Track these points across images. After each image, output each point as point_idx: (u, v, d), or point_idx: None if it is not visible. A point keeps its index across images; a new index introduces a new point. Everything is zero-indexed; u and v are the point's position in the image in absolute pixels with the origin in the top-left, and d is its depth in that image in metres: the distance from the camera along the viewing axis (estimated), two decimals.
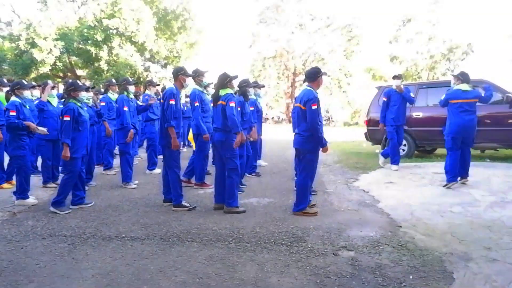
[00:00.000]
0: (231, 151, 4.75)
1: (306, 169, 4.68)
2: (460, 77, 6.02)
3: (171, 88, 4.95)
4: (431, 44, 24.87)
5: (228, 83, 4.83)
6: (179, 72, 5.02)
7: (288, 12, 31.27)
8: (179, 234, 4.06)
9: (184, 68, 5.18)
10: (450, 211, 4.75)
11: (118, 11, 14.40)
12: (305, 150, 4.66)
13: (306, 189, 4.71)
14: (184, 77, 5.02)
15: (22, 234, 4.08)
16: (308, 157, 4.66)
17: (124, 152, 6.31)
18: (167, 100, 4.79)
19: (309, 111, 4.44)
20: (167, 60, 17.84)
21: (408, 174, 7.05)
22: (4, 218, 4.66)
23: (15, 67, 14.73)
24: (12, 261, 3.39)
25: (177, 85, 5.00)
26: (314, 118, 4.44)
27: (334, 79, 31.81)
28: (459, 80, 6.03)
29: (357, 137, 13.78)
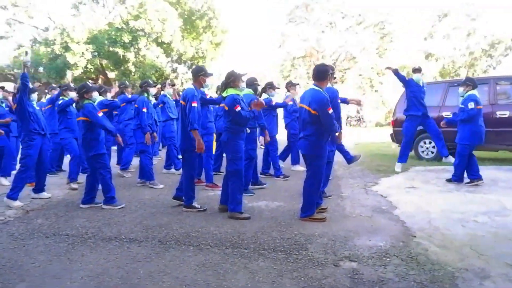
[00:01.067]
0: (233, 152, 4.59)
1: (313, 175, 4.42)
2: (470, 83, 5.98)
3: (192, 89, 4.77)
4: (470, 39, 23.61)
5: (232, 82, 4.64)
6: (199, 72, 4.88)
7: (318, 10, 30.69)
8: (178, 237, 3.97)
9: (205, 68, 5.07)
10: (474, 220, 4.37)
11: (144, 12, 14.66)
12: (312, 156, 4.39)
13: (313, 195, 4.47)
14: (204, 78, 4.90)
15: (29, 232, 4.14)
16: (315, 163, 4.38)
17: (144, 150, 6.39)
18: (189, 102, 4.63)
19: (325, 116, 4.16)
20: (193, 61, 17.98)
21: (433, 178, 6.64)
22: (17, 216, 4.76)
23: (50, 70, 15.37)
24: (11, 259, 3.42)
25: (197, 85, 4.86)
26: (331, 121, 4.20)
27: (366, 78, 30.93)
28: (469, 87, 5.94)
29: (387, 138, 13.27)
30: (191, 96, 4.67)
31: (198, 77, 4.86)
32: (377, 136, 16.80)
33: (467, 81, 6.07)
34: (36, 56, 15.88)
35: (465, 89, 5.96)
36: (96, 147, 5.04)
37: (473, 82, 5.95)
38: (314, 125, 4.25)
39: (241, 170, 4.62)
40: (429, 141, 8.55)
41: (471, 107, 5.74)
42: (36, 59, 15.77)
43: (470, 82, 6.00)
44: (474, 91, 5.92)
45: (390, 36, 30.49)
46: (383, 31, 30.64)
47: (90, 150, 5.03)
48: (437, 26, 24.65)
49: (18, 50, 17.60)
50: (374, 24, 30.67)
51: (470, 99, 5.80)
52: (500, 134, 7.75)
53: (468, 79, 6.15)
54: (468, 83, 6.01)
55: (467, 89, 5.93)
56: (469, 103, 5.76)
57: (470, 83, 6.00)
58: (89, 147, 5.03)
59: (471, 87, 5.92)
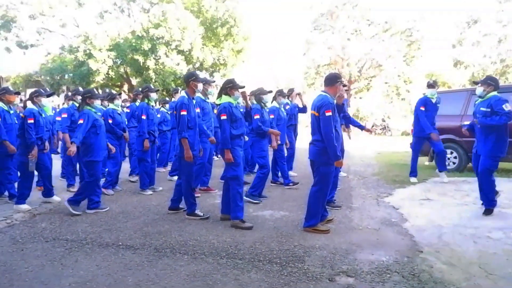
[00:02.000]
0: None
1: (319, 183, 4.26)
2: (492, 83, 4.99)
3: (182, 97, 4.78)
4: (501, 46, 22.68)
5: (229, 89, 4.60)
6: (190, 78, 4.88)
7: (343, 18, 30.40)
8: (175, 245, 3.91)
9: (196, 74, 5.06)
10: (487, 236, 4.09)
11: (164, 20, 14.93)
12: (320, 162, 4.23)
13: (318, 204, 4.32)
14: (196, 83, 4.89)
15: (30, 235, 4.19)
16: (322, 170, 4.22)
17: (142, 159, 6.35)
18: (179, 111, 4.64)
19: (323, 118, 4.03)
20: (214, 68, 18.13)
21: (451, 190, 6.32)
22: (24, 219, 4.85)
23: (74, 77, 15.91)
24: (6, 263, 3.45)
25: (189, 92, 4.86)
26: (328, 126, 4.01)
27: (393, 86, 30.28)
28: (490, 87, 4.97)
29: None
30: (180, 104, 4.67)
31: (189, 83, 4.84)
32: (401, 145, 16.29)
33: (489, 80, 5.06)
34: (62, 63, 16.47)
35: (485, 89, 4.99)
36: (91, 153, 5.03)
37: (496, 82, 5.02)
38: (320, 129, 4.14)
39: (239, 176, 4.53)
40: (450, 151, 8.17)
41: (508, 109, 4.70)
42: (61, 66, 16.36)
43: (492, 82, 5.00)
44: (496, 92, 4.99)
45: (417, 43, 29.80)
46: (410, 38, 29.99)
47: (86, 155, 5.04)
48: (466, 32, 23.82)
49: (46, 57, 18.35)
50: (401, 31, 30.08)
51: (501, 101, 4.78)
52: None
53: (489, 78, 5.14)
54: (490, 82, 5.00)
55: (488, 90, 4.97)
56: (503, 105, 4.74)
57: (492, 82, 4.99)
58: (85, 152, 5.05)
59: (492, 87, 4.95)
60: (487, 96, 4.94)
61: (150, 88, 6.56)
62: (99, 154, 5.14)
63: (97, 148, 5.11)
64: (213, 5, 16.88)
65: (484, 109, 4.91)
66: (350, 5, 29.56)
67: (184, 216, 4.91)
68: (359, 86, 31.38)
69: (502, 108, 4.74)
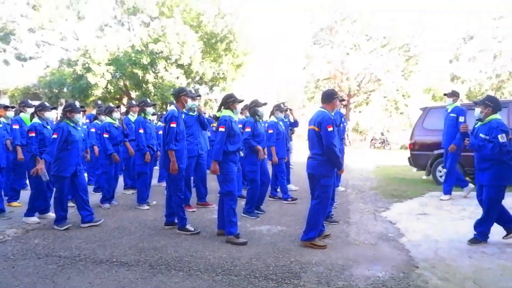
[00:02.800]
0: (223, 175, 4.51)
1: (321, 196, 4.31)
2: (491, 104, 4.39)
3: (173, 110, 4.86)
4: (496, 62, 22.90)
5: (231, 103, 4.64)
6: (181, 93, 4.98)
7: (342, 33, 30.74)
8: (170, 261, 3.87)
9: (186, 89, 5.15)
10: (482, 251, 4.08)
11: (163, 35, 15.10)
12: (320, 175, 4.29)
13: (318, 217, 4.33)
14: (186, 98, 4.96)
15: (22, 252, 4.14)
16: (323, 183, 4.28)
17: (141, 173, 6.34)
18: (168, 123, 4.72)
19: (325, 133, 4.16)
20: (213, 82, 18.26)
21: (448, 204, 6.31)
22: (17, 235, 4.80)
23: (73, 90, 15.99)
24: None
25: (179, 106, 4.95)
26: (330, 140, 4.15)
27: (391, 100, 30.45)
28: (488, 108, 4.37)
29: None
30: (170, 117, 4.74)
31: (180, 97, 4.93)
32: (400, 159, 16.30)
33: (488, 100, 4.43)
34: (61, 76, 16.55)
35: (483, 110, 4.42)
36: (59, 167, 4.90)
37: (496, 102, 4.41)
38: (321, 144, 4.23)
39: (233, 192, 4.53)
40: None
41: (502, 141, 4.16)
42: (60, 79, 16.43)
43: (491, 102, 4.38)
44: (497, 115, 4.39)
45: (415, 58, 30.08)
46: (408, 53, 30.28)
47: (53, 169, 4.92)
48: (463, 48, 24.08)
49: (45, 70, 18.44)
50: (399, 46, 30.37)
51: (499, 130, 4.21)
52: None
53: (488, 98, 4.50)
54: (488, 103, 4.39)
55: (486, 112, 4.40)
56: (499, 135, 4.18)
57: (490, 103, 4.38)
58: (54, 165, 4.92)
59: (490, 109, 4.36)
60: (487, 119, 4.41)
61: (146, 103, 6.59)
62: (67, 170, 4.96)
63: (66, 163, 4.93)
64: (212, 20, 17.12)
65: (483, 136, 4.35)
66: (349, 20, 29.94)
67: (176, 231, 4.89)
68: (358, 100, 31.54)
69: (497, 138, 4.20)
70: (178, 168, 4.78)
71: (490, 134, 4.29)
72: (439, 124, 8.59)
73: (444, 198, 6.68)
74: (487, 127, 4.35)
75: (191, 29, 16.31)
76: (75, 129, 5.05)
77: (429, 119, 8.82)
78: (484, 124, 4.44)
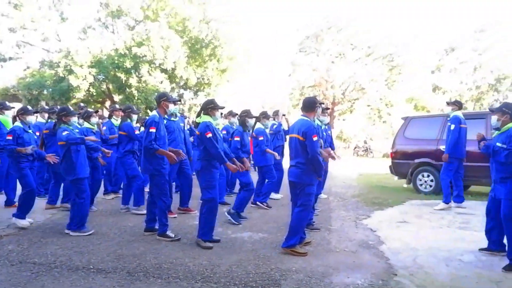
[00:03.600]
0: (207, 181, 4.49)
1: (304, 204, 4.33)
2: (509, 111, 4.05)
3: (154, 115, 4.84)
4: (477, 74, 23.56)
5: (211, 109, 4.62)
6: (161, 98, 4.95)
7: (328, 41, 31.12)
8: (149, 268, 3.81)
9: (167, 94, 5.13)
10: (460, 259, 4.14)
11: (147, 39, 15.00)
12: (304, 184, 4.32)
13: (301, 225, 4.36)
14: (167, 103, 4.94)
15: None
16: (307, 191, 4.32)
17: (135, 175, 6.26)
18: (148, 127, 4.68)
19: (310, 142, 4.18)
20: (198, 87, 18.20)
21: (427, 213, 6.40)
22: None
23: (54, 92, 15.68)
24: None
25: (160, 111, 4.92)
26: (315, 150, 4.18)
27: (374, 109, 30.90)
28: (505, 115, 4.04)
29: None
30: (150, 122, 4.71)
31: (160, 103, 4.91)
32: (382, 167, 16.51)
33: (505, 107, 4.06)
34: (41, 78, 16.22)
35: (500, 118, 4.07)
36: (75, 171, 4.94)
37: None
38: (305, 152, 4.24)
39: (215, 199, 4.50)
40: (427, 174, 8.32)
41: None
42: (40, 81, 16.11)
43: (509, 109, 4.02)
44: None
45: (398, 68, 30.66)
46: (392, 63, 30.83)
47: (69, 175, 4.96)
48: (445, 60, 24.69)
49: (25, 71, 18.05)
50: (383, 56, 30.92)
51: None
52: None
53: (506, 105, 4.11)
54: (506, 110, 4.03)
55: (504, 119, 4.03)
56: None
57: (509, 110, 4.02)
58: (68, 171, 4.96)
59: (508, 116, 3.99)
60: (505, 128, 4.02)
61: (133, 110, 6.49)
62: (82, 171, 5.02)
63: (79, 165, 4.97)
64: (197, 26, 17.09)
65: (500, 145, 3.97)
66: (335, 29, 30.35)
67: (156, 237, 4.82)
68: (342, 108, 31.91)
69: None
70: (161, 172, 4.75)
71: (508, 143, 3.89)
72: (420, 134, 8.78)
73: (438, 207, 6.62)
74: (505, 136, 3.96)
75: (176, 33, 16.24)
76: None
77: (410, 128, 8.98)
78: (501, 134, 4.05)
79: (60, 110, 5.14)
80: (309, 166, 4.26)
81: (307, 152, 4.21)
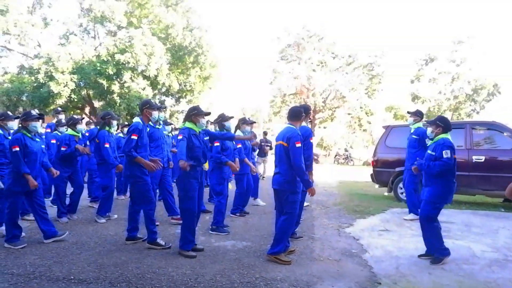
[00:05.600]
0: (184, 191, 4.46)
1: (289, 212, 4.34)
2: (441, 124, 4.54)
3: (137, 123, 4.80)
4: (454, 84, 24.25)
5: (193, 116, 4.58)
6: (144, 106, 4.93)
7: (309, 50, 31.48)
8: (131, 278, 3.74)
9: (150, 102, 5.09)
10: (441, 268, 4.22)
11: (131, 46, 14.86)
12: (287, 191, 4.32)
13: (286, 232, 4.38)
14: (150, 111, 4.92)
15: None
16: (291, 198, 4.33)
17: (107, 186, 6.16)
18: (130, 134, 4.65)
19: (293, 149, 4.18)
20: (180, 94, 18.10)
21: (407, 222, 6.50)
22: None
23: (33, 99, 15.28)
24: None
25: (144, 119, 4.90)
26: (299, 157, 4.17)
27: (355, 117, 31.37)
28: (438, 128, 4.52)
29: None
30: (133, 129, 4.69)
31: (143, 111, 4.90)
32: (363, 175, 16.75)
33: (439, 121, 4.58)
34: (20, 84, 15.80)
35: (433, 130, 4.58)
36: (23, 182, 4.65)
37: (446, 123, 4.56)
38: (288, 160, 4.25)
39: (190, 209, 4.46)
40: None
41: (446, 156, 4.30)
42: (19, 87, 15.69)
43: (442, 123, 4.54)
44: (447, 135, 4.53)
45: (378, 77, 31.27)
46: (372, 72, 31.43)
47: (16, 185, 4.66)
48: (424, 69, 25.34)
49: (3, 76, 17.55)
50: (363, 65, 31.49)
51: (445, 146, 4.36)
52: (476, 179, 7.72)
53: (440, 119, 4.63)
54: (439, 123, 4.54)
55: (436, 132, 4.54)
56: (444, 151, 4.33)
57: (441, 123, 4.53)
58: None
59: (441, 129, 4.51)
60: (436, 138, 4.53)
61: (113, 116, 6.39)
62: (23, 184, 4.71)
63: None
64: (180, 33, 17.03)
65: (430, 152, 4.50)
66: (316, 37, 30.74)
67: (144, 246, 4.75)
68: (323, 116, 32.25)
69: (442, 154, 4.34)
70: (143, 179, 4.70)
71: (436, 151, 4.42)
72: (401, 142, 8.93)
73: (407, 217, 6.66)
74: (435, 144, 4.49)
75: (159, 40, 16.15)
76: (33, 140, 4.80)
77: (392, 137, 9.14)
78: (433, 143, 4.57)
79: (22, 114, 4.90)
80: (292, 174, 4.26)
81: (290, 160, 4.21)
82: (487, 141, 8.12)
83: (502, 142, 7.82)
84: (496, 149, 7.89)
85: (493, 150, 7.89)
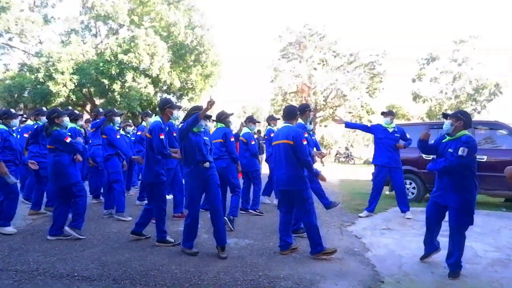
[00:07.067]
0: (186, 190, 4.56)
1: (306, 209, 4.45)
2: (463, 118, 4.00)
3: (158, 122, 4.74)
4: (456, 84, 24.22)
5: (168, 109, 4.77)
6: (165, 105, 4.89)
7: (310, 48, 31.43)
8: (135, 276, 3.75)
9: (171, 101, 5.07)
10: (444, 267, 4.20)
11: (135, 46, 14.80)
12: (298, 190, 4.42)
13: (315, 229, 4.46)
14: (171, 110, 4.89)
15: None
16: (306, 195, 4.44)
17: (117, 180, 6.19)
18: (157, 134, 4.61)
19: (301, 146, 4.32)
20: (182, 92, 18.10)
21: (410, 220, 6.50)
22: None
23: (34, 95, 15.29)
24: None
25: (164, 118, 4.86)
26: (306, 153, 4.34)
27: (356, 116, 31.35)
28: (459, 122, 3.98)
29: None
30: (158, 129, 4.65)
31: (165, 110, 4.87)
32: (364, 174, 16.75)
33: (460, 114, 4.04)
34: (21, 81, 15.81)
35: (454, 123, 4.00)
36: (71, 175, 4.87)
37: (468, 117, 4.02)
38: (294, 158, 4.34)
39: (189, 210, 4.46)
40: (409, 181, 8.48)
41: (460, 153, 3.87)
42: (22, 84, 15.70)
43: (464, 116, 4.00)
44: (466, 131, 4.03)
45: (380, 76, 31.22)
46: (373, 71, 31.38)
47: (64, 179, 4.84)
48: (426, 69, 25.30)
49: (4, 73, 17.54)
50: (365, 64, 31.44)
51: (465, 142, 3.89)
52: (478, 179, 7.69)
53: (462, 112, 4.09)
54: (460, 116, 4.00)
55: (457, 125, 3.99)
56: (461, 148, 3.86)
57: (463, 117, 3.99)
58: (62, 176, 4.84)
59: (462, 122, 3.96)
60: (457, 135, 3.99)
61: (114, 112, 6.40)
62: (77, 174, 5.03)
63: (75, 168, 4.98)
64: (182, 32, 17.00)
65: (451, 151, 3.96)
66: (318, 36, 30.68)
67: (147, 244, 4.79)
68: (324, 115, 32.23)
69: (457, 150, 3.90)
70: (161, 180, 4.77)
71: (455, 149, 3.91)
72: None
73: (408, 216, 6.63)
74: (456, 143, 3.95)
75: (161, 39, 16.12)
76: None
77: None
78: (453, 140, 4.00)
79: (50, 112, 5.02)
80: (302, 169, 4.38)
81: (297, 157, 4.30)
82: (489, 140, 8.11)
83: (505, 141, 7.81)
84: (498, 149, 7.89)
85: (495, 150, 7.88)
